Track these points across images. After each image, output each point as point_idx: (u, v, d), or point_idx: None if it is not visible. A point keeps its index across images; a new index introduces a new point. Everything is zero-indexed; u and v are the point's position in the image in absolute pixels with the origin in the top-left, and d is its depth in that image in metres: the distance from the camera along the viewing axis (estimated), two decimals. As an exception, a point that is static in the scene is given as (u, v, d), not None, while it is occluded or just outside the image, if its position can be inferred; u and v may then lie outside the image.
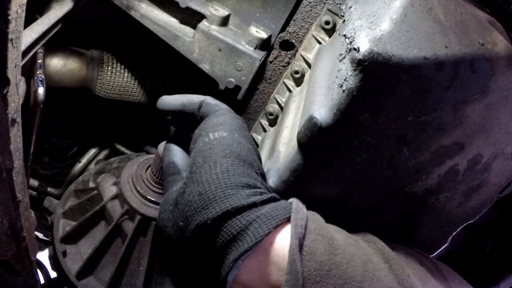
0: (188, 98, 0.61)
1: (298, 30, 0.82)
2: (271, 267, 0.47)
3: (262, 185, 0.52)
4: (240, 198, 0.47)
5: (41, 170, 1.21)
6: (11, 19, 0.40)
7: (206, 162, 0.50)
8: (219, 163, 0.50)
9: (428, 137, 0.60)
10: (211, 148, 0.52)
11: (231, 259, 0.46)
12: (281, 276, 0.46)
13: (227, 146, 0.52)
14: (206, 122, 0.56)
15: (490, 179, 0.69)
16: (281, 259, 0.46)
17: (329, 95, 0.60)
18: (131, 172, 0.77)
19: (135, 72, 1.02)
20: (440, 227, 0.72)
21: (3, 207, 0.50)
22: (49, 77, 0.93)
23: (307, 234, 0.47)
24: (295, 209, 0.48)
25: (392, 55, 0.54)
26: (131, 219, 0.75)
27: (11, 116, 0.45)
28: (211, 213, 0.47)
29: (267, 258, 0.47)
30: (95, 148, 1.21)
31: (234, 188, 0.48)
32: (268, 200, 0.49)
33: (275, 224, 0.46)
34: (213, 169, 0.49)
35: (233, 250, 0.46)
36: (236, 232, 0.46)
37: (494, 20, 0.62)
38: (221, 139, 0.52)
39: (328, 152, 0.61)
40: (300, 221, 0.47)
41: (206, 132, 0.54)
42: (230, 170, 0.49)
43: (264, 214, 0.47)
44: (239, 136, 0.54)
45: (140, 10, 0.85)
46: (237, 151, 0.52)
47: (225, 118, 0.56)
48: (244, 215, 0.47)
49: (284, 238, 0.47)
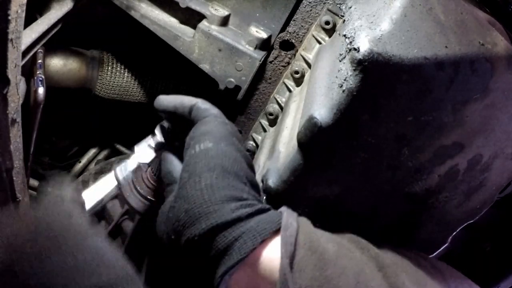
0: (181, 100, 0.61)
1: (298, 30, 0.82)
2: (260, 281, 0.47)
3: (250, 195, 0.52)
4: (225, 213, 0.48)
5: (41, 170, 1.21)
6: (11, 19, 0.40)
7: (191, 177, 0.51)
8: (203, 177, 0.50)
9: (428, 137, 0.60)
10: (196, 162, 0.52)
11: (219, 273, 0.47)
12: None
13: (211, 159, 0.52)
14: (194, 131, 0.57)
15: (490, 179, 0.69)
16: (268, 272, 0.47)
17: (329, 95, 0.60)
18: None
19: (135, 72, 1.02)
20: (440, 227, 0.72)
21: (3, 207, 0.50)
22: (49, 77, 0.93)
23: (297, 250, 0.47)
24: (284, 225, 0.48)
25: (392, 55, 0.54)
26: (131, 219, 0.75)
27: (11, 116, 0.45)
28: (198, 230, 0.48)
29: (255, 272, 0.47)
30: (95, 148, 1.21)
31: (218, 203, 0.48)
32: (255, 213, 0.50)
33: (260, 239, 0.47)
34: (198, 184, 0.50)
35: (221, 264, 0.47)
36: (222, 248, 0.47)
37: (494, 20, 0.62)
38: (206, 151, 0.53)
39: (328, 152, 0.61)
40: (290, 238, 0.47)
41: (194, 144, 0.54)
42: (214, 184, 0.50)
43: (249, 229, 0.48)
44: (225, 145, 0.54)
45: (140, 10, 0.85)
46: (222, 163, 0.52)
47: (212, 125, 0.56)
48: (230, 230, 0.47)
49: (271, 252, 0.47)
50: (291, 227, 0.48)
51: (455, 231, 0.73)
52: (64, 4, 0.83)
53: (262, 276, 0.47)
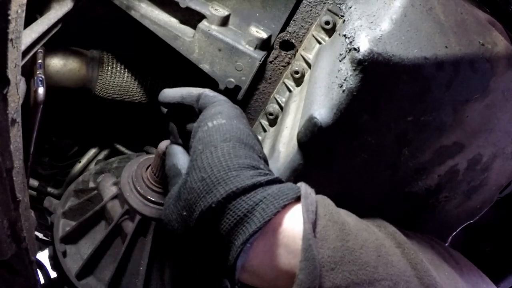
0: (187, 90, 0.61)
1: (298, 30, 0.82)
2: (281, 249, 0.45)
3: (265, 167, 0.51)
4: (244, 179, 0.46)
5: (41, 170, 1.21)
6: (11, 19, 0.40)
7: (206, 148, 0.49)
8: (219, 147, 0.49)
9: (428, 137, 0.60)
10: (211, 135, 0.51)
11: (239, 242, 0.44)
12: (292, 259, 0.44)
13: (226, 131, 0.51)
14: (204, 113, 0.56)
15: (490, 179, 0.69)
16: (291, 240, 0.45)
17: (329, 95, 0.60)
18: (131, 172, 0.77)
19: (135, 72, 1.02)
20: (440, 227, 0.72)
21: (3, 207, 0.50)
22: (49, 77, 0.93)
23: (318, 220, 0.45)
24: (304, 194, 0.47)
25: (392, 55, 0.54)
26: (131, 219, 0.75)
27: (11, 116, 0.45)
28: (215, 197, 0.45)
29: (276, 240, 0.45)
30: (95, 148, 1.20)
31: (237, 169, 0.47)
32: (274, 181, 0.48)
33: (282, 203, 0.45)
34: (214, 153, 0.48)
35: (240, 233, 0.45)
36: (242, 214, 0.44)
37: (494, 20, 0.62)
38: (219, 126, 0.52)
39: (328, 152, 0.61)
40: (311, 206, 0.46)
41: (205, 122, 0.53)
42: (232, 152, 0.48)
43: (271, 194, 0.46)
44: (238, 123, 0.53)
45: (140, 10, 0.85)
46: (237, 135, 0.51)
47: (223, 107, 0.56)
48: (250, 196, 0.45)
49: (293, 219, 0.46)
50: (310, 196, 0.47)
51: (455, 231, 0.73)
52: (64, 4, 0.83)
53: (284, 244, 0.45)
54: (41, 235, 1.34)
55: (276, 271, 0.46)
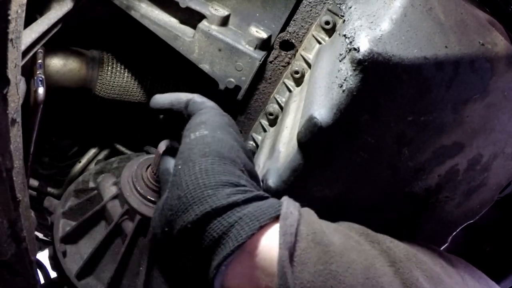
0: (176, 96, 0.61)
1: (298, 30, 0.82)
2: (258, 272, 0.44)
3: (247, 182, 0.49)
4: (220, 198, 0.45)
5: (41, 170, 1.21)
6: (11, 19, 0.40)
7: (184, 163, 0.49)
8: (197, 163, 0.48)
9: (428, 137, 0.60)
10: (190, 149, 0.50)
11: (215, 264, 0.44)
12: (270, 282, 0.43)
13: (206, 145, 0.50)
14: (190, 122, 0.55)
15: (490, 179, 0.69)
16: (268, 263, 0.43)
17: (329, 95, 0.60)
18: (131, 172, 0.77)
19: (135, 72, 1.02)
20: (440, 227, 0.72)
21: (3, 207, 0.50)
22: (49, 77, 0.93)
23: (298, 242, 0.43)
24: (283, 214, 0.45)
25: (392, 55, 0.54)
26: (131, 219, 0.75)
27: (11, 116, 0.45)
28: (191, 216, 0.45)
29: (253, 262, 0.44)
30: (95, 148, 1.20)
31: (213, 188, 0.45)
32: (252, 199, 0.46)
33: (258, 225, 0.44)
34: (192, 169, 0.47)
35: (216, 254, 0.44)
36: (217, 236, 0.44)
37: (494, 20, 0.62)
38: (200, 139, 0.51)
39: (328, 152, 0.61)
40: (290, 228, 0.44)
41: (188, 133, 0.53)
42: (209, 169, 0.47)
43: (247, 214, 0.44)
44: (222, 133, 0.52)
45: (140, 10, 0.85)
46: (217, 148, 0.49)
47: (208, 116, 0.55)
48: (225, 216, 0.44)
49: (270, 240, 0.44)
50: (291, 216, 0.45)
51: (455, 231, 0.73)
52: (64, 4, 0.83)
53: (261, 267, 0.44)
54: (41, 235, 1.34)
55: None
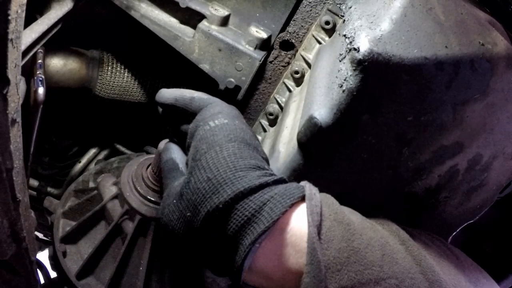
0: (181, 93, 0.61)
1: (298, 30, 0.82)
2: (289, 249, 0.45)
3: (269, 168, 0.51)
4: (252, 179, 0.46)
5: (41, 170, 1.21)
6: (11, 19, 0.40)
7: (211, 148, 0.49)
8: (225, 147, 0.49)
9: (428, 137, 0.60)
10: (214, 135, 0.51)
11: (247, 243, 0.44)
12: (300, 258, 0.45)
13: (230, 132, 0.51)
14: (202, 114, 0.56)
15: (490, 179, 0.69)
16: (298, 240, 0.45)
17: (329, 95, 0.60)
18: (131, 172, 0.77)
19: (135, 72, 1.02)
20: (440, 227, 0.72)
21: (3, 207, 0.50)
22: (49, 77, 0.93)
23: (323, 221, 0.45)
24: (308, 195, 0.47)
25: (392, 55, 0.54)
26: (131, 219, 0.75)
27: (11, 116, 0.45)
28: (223, 197, 0.45)
29: (284, 239, 0.45)
30: (95, 148, 1.20)
31: (243, 170, 0.47)
32: (279, 181, 0.48)
33: (290, 202, 0.45)
34: (220, 153, 0.48)
35: (248, 233, 0.44)
36: (250, 214, 0.44)
37: (494, 20, 0.62)
38: (222, 126, 0.52)
39: (328, 152, 0.61)
40: (316, 207, 0.46)
41: (205, 122, 0.53)
42: (237, 153, 0.48)
43: (278, 193, 0.46)
44: (240, 123, 0.54)
45: (140, 10, 0.85)
46: (241, 135, 0.51)
47: (222, 107, 0.56)
48: (257, 196, 0.45)
49: (300, 218, 0.46)
50: (315, 197, 0.47)
51: (455, 231, 0.73)
52: (64, 4, 0.83)
53: (292, 243, 0.45)
54: (41, 235, 1.34)
55: (284, 270, 0.46)
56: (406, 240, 0.50)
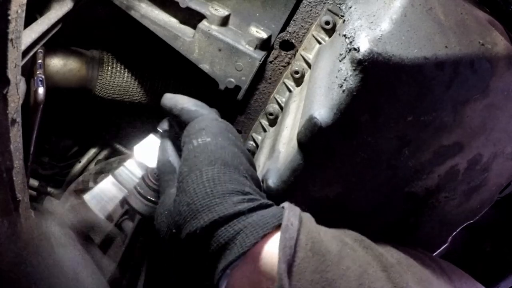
0: (175, 101, 0.63)
1: (298, 30, 0.82)
2: (261, 276, 0.47)
3: (251, 189, 0.52)
4: (227, 207, 0.48)
5: (41, 170, 1.21)
6: (11, 19, 0.40)
7: (192, 171, 0.51)
8: (204, 171, 0.51)
9: (428, 137, 0.60)
10: (196, 156, 0.52)
11: (220, 268, 0.47)
12: (271, 285, 0.45)
13: (211, 153, 0.52)
14: (188, 129, 0.58)
15: (490, 179, 0.69)
16: (269, 268, 0.46)
17: (329, 95, 0.60)
18: (131, 172, 0.77)
19: (135, 72, 1.02)
20: (440, 227, 0.72)
21: (3, 207, 0.50)
22: (49, 77, 0.93)
23: (297, 252, 0.46)
24: (284, 226, 0.47)
25: (392, 55, 0.54)
26: (131, 219, 0.75)
27: (11, 116, 0.45)
28: (199, 223, 0.48)
29: (256, 267, 0.47)
30: (95, 148, 1.21)
31: (220, 196, 0.49)
32: (257, 208, 0.50)
33: (262, 233, 0.47)
34: (199, 178, 0.50)
35: (222, 259, 0.47)
36: (224, 242, 0.47)
37: (494, 20, 0.62)
38: (204, 146, 0.53)
39: (328, 152, 0.61)
40: (289, 241, 0.46)
41: (190, 139, 0.55)
42: (216, 178, 0.50)
43: (251, 223, 0.47)
44: (223, 140, 0.55)
45: (140, 10, 0.85)
46: (222, 157, 0.52)
47: (207, 122, 0.57)
48: (232, 224, 0.47)
49: (272, 247, 0.47)
50: (291, 228, 0.47)
51: (455, 231, 0.73)
52: (64, 4, 0.83)
53: (263, 272, 0.47)
54: (41, 235, 1.34)
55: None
56: (388, 266, 0.50)
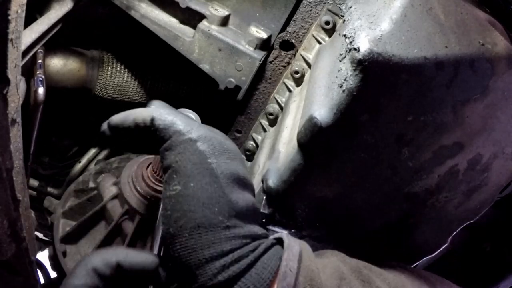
0: (134, 117, 0.56)
1: (298, 30, 0.82)
2: None
3: (237, 236, 0.48)
4: (211, 276, 0.45)
5: (41, 170, 1.21)
6: (11, 19, 0.40)
7: (167, 234, 0.48)
8: (176, 238, 0.47)
9: (428, 137, 0.60)
10: (168, 216, 0.48)
11: None
12: None
13: (181, 213, 0.47)
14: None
15: (490, 179, 0.69)
16: None
17: (329, 95, 0.60)
18: (131, 172, 0.77)
19: (135, 72, 1.02)
20: (440, 227, 0.72)
21: (3, 207, 0.50)
22: (49, 77, 0.93)
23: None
24: (282, 274, 0.46)
25: (392, 55, 0.54)
26: (131, 219, 0.75)
27: (11, 116, 0.45)
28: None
29: None
30: (95, 148, 1.20)
31: (198, 268, 0.46)
32: (248, 267, 0.47)
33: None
34: (173, 246, 0.47)
35: None
36: None
37: (494, 20, 0.62)
38: (174, 199, 0.48)
39: (328, 152, 0.61)
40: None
41: (163, 183, 0.51)
42: (190, 245, 0.46)
43: (247, 285, 0.46)
44: (195, 185, 0.48)
45: (140, 10, 0.85)
46: (192, 215, 0.47)
47: (180, 157, 0.49)
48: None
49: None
50: (290, 274, 0.46)
51: (455, 231, 0.73)
52: (64, 4, 0.83)
53: None
54: (41, 235, 1.34)
55: None
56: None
